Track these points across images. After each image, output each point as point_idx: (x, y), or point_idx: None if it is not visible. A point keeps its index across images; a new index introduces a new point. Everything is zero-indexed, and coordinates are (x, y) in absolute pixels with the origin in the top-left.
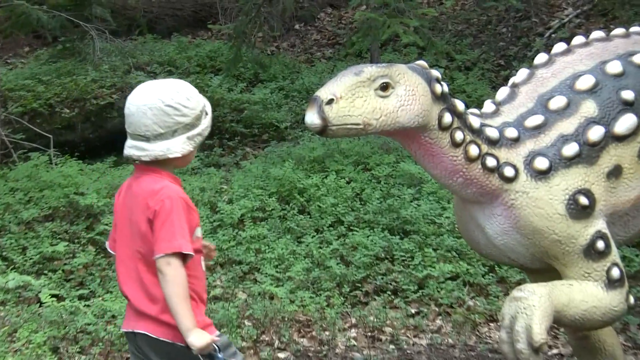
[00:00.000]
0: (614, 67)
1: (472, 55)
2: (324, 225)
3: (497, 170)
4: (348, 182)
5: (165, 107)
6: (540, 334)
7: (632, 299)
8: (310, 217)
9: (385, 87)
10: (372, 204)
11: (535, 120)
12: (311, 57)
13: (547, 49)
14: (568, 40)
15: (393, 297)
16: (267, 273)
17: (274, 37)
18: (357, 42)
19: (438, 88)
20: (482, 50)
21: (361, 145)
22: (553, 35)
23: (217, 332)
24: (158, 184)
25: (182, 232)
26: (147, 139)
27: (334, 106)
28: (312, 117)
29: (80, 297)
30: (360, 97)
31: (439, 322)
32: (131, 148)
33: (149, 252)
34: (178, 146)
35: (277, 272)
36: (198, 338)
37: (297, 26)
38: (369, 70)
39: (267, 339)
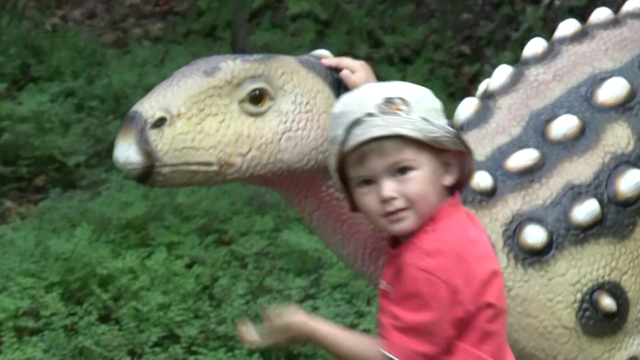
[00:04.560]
0: None
1: (415, 36)
2: (144, 343)
3: None
4: (189, 266)
5: None
6: None
7: None
8: (120, 329)
9: (258, 97)
10: (231, 305)
11: (525, 158)
12: (124, 35)
13: (547, 28)
14: (584, 14)
15: None
16: None
17: (57, 1)
18: (209, 10)
19: None
20: (432, 28)
21: (213, 198)
22: (557, 2)
23: None
24: None
25: None
26: None
27: (166, 130)
28: (126, 151)
29: None
30: (215, 114)
31: None
32: None
33: None
34: None
35: None
36: None
37: None
38: (230, 66)
39: None
